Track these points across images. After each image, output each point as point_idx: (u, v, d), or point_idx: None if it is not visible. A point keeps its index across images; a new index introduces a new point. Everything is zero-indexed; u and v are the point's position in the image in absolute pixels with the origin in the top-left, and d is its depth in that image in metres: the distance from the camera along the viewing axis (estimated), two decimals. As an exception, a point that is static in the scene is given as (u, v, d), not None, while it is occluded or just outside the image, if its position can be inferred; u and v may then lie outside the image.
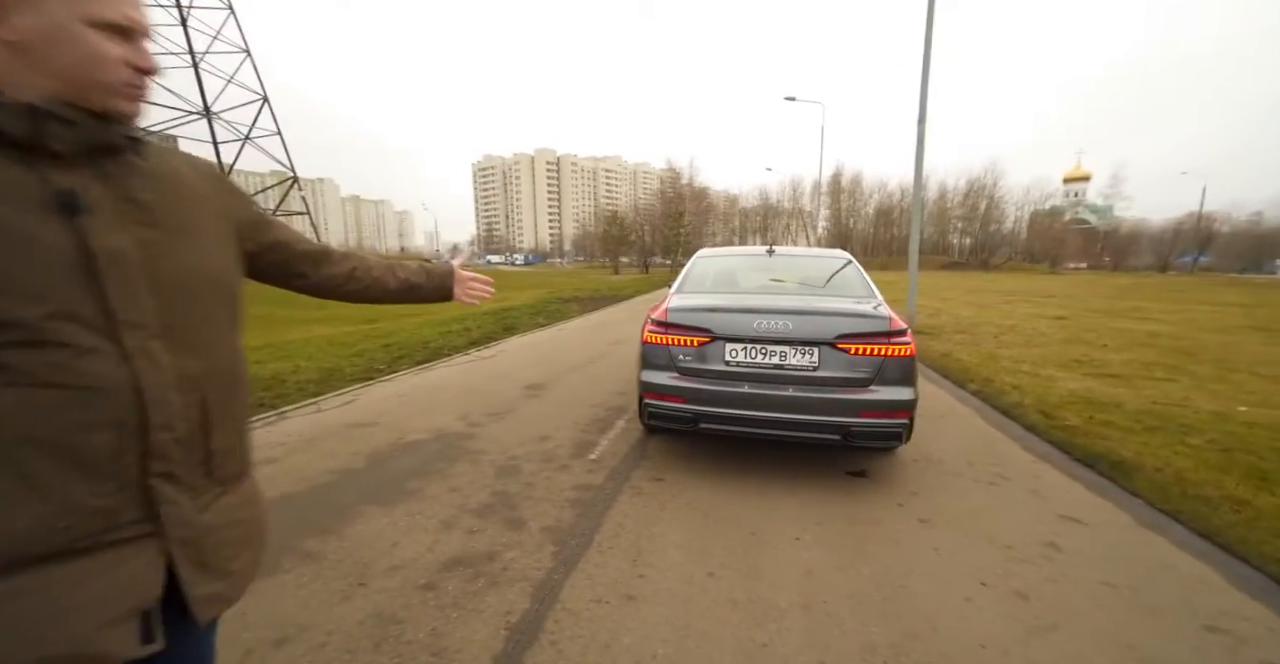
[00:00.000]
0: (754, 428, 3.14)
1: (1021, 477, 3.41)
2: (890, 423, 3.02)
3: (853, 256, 4.32)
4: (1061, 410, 4.76)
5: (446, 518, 2.72)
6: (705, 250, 4.66)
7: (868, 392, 3.04)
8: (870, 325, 3.09)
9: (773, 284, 4.06)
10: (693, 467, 3.50)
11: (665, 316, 3.38)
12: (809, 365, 3.11)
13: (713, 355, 3.24)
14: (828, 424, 3.03)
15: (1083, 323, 11.81)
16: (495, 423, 4.34)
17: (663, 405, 3.28)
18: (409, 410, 4.64)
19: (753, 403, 3.11)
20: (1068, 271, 63.72)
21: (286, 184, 35.45)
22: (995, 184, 78.69)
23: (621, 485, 3.17)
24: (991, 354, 7.76)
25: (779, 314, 3.16)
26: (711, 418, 3.19)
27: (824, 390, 3.06)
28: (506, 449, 3.73)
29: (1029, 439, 4.16)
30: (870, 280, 3.91)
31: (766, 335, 3.13)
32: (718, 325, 3.24)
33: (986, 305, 16.59)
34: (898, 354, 3.06)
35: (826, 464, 3.55)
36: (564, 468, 3.41)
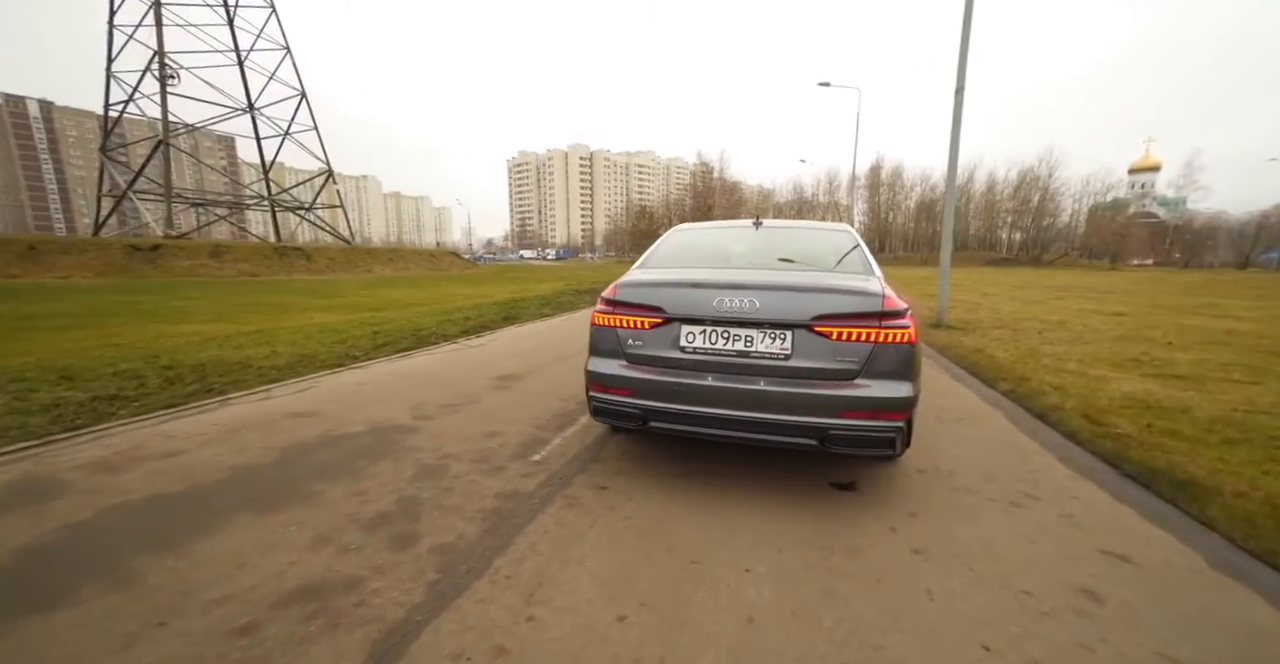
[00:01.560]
0: (712, 428, 2.59)
1: (1054, 496, 2.73)
2: (879, 426, 2.41)
3: (860, 237, 3.66)
4: (1111, 415, 3.99)
5: (327, 531, 2.27)
6: (683, 225, 4.09)
7: (852, 386, 2.44)
8: (856, 303, 2.48)
9: (756, 260, 3.46)
10: (648, 472, 2.96)
11: (614, 294, 2.85)
12: (779, 353, 2.53)
13: (666, 340, 2.69)
14: (800, 426, 2.45)
15: (1145, 319, 10.60)
16: (447, 415, 3.90)
17: (608, 399, 2.75)
18: (361, 400, 4.26)
19: (711, 398, 2.56)
20: (1131, 268, 59.52)
21: (323, 178, 36.37)
22: (1050, 175, 74.33)
23: (555, 494, 2.66)
24: (1032, 351, 6.89)
25: (744, 290, 2.58)
26: (663, 415, 2.65)
27: (797, 384, 2.48)
28: (443, 446, 3.27)
29: (1068, 449, 3.44)
30: (871, 257, 3.27)
31: (729, 316, 2.57)
32: (671, 303, 2.69)
33: (1033, 301, 15.31)
34: (892, 340, 2.44)
35: (810, 473, 2.96)
36: (497, 470, 2.93)
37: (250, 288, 17.69)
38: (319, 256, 29.55)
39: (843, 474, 2.96)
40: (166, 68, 28.63)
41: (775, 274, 2.86)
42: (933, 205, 76.74)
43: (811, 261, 3.38)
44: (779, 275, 2.84)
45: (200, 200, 35.68)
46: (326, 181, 36.20)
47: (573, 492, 2.70)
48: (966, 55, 8.40)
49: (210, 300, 12.85)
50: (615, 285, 2.89)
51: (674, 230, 3.97)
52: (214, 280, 20.56)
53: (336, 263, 30.05)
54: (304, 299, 14.24)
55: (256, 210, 38.80)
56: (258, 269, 24.80)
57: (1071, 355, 6.59)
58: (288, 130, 35.08)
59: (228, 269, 23.61)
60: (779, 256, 3.41)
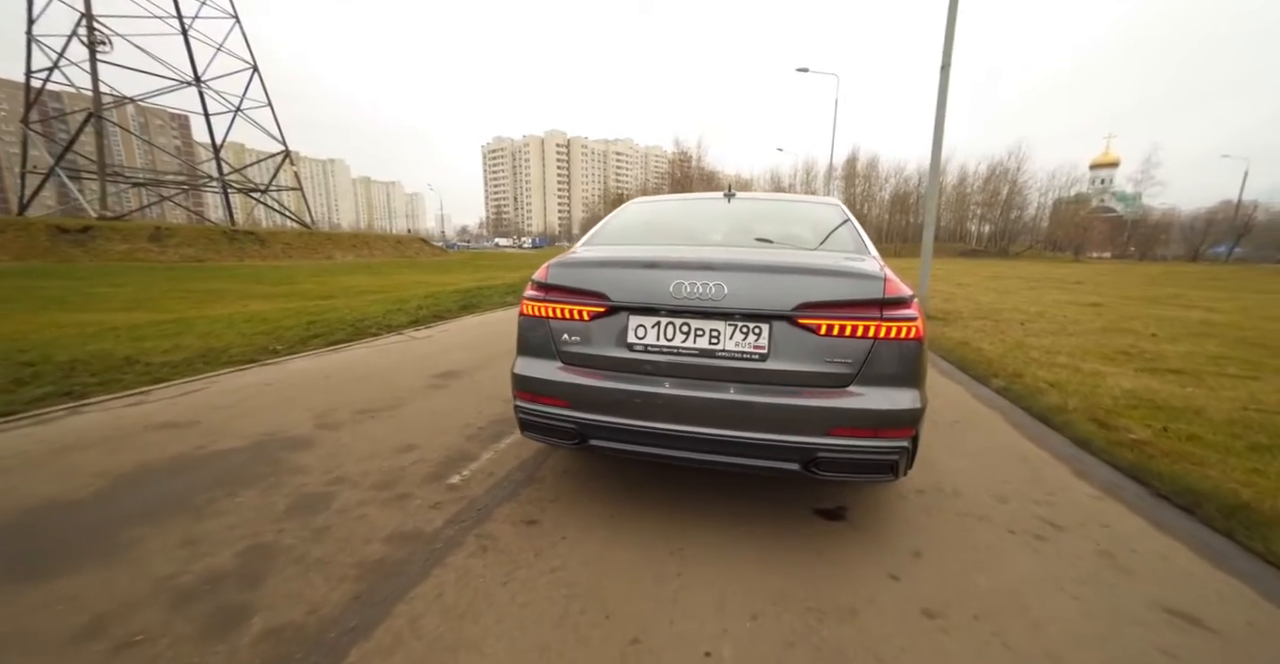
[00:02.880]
0: (668, 449, 2.02)
1: (1082, 525, 2.25)
2: (879, 446, 1.87)
3: (850, 212, 3.10)
4: (1121, 418, 3.57)
5: (113, 608, 1.61)
6: (642, 198, 3.48)
7: (844, 395, 1.89)
8: (852, 288, 1.93)
9: (728, 238, 2.88)
10: (591, 497, 2.39)
11: (545, 275, 2.25)
12: (754, 352, 1.96)
13: (610, 335, 2.10)
14: (780, 446, 1.90)
15: (1121, 310, 10.45)
16: (359, 424, 3.25)
17: (538, 410, 2.16)
18: (259, 404, 3.57)
19: (667, 411, 1.98)
20: (1092, 260, 61.25)
21: (279, 159, 34.34)
22: (1019, 168, 75.75)
23: (467, 533, 2.06)
24: (1018, 343, 6.53)
25: (708, 271, 2.01)
26: (606, 432, 2.06)
27: (776, 392, 1.92)
28: (340, 466, 2.63)
29: (1082, 460, 2.99)
30: (865, 234, 2.73)
31: (690, 304, 1.99)
32: (617, 288, 2.09)
33: (1009, 291, 15.21)
34: (896, 335, 1.90)
35: (790, 497, 2.42)
36: (399, 499, 2.31)
37: (191, 274, 16.42)
38: (274, 241, 27.94)
39: (830, 497, 2.44)
40: (96, 32, 26.31)
41: (749, 252, 2.30)
42: (906, 198, 77.55)
43: (794, 240, 2.82)
44: (753, 253, 2.27)
45: (141, 179, 33.25)
46: (283, 162, 34.20)
47: (491, 528, 2.10)
48: (954, 30, 7.93)
49: (138, 286, 11.73)
50: (548, 265, 2.28)
51: (630, 203, 3.36)
52: (153, 266, 19.09)
53: (294, 248, 28.49)
54: (247, 286, 13.18)
55: (211, 192, 36.55)
56: (204, 254, 23.24)
57: (1059, 348, 6.24)
58: (239, 107, 32.95)
59: (170, 254, 22.04)
60: (755, 234, 2.83)
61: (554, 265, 2.25)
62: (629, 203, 3.37)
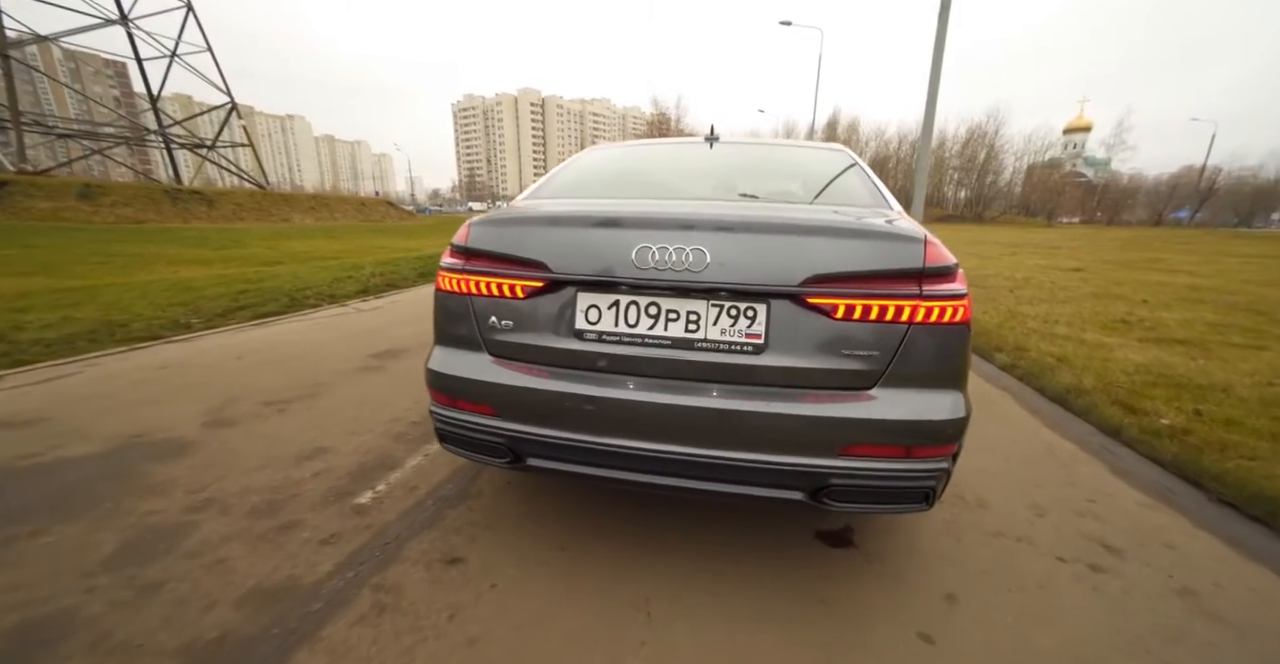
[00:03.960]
0: (629, 473, 1.50)
1: (1142, 545, 1.84)
2: (910, 469, 1.39)
3: (860, 158, 2.52)
4: (1145, 399, 3.19)
5: None
6: (604, 144, 2.84)
7: (866, 401, 1.39)
8: (881, 254, 1.39)
9: (709, 191, 2.30)
10: (542, 522, 1.88)
11: (465, 237, 1.65)
12: (746, 343, 1.43)
13: (553, 319, 1.53)
14: (779, 470, 1.40)
15: (1105, 275, 10.24)
16: (261, 420, 2.65)
17: (459, 419, 1.60)
18: (138, 395, 2.92)
19: (629, 422, 1.45)
20: (1063, 226, 62.06)
21: (224, 112, 31.60)
22: (997, 132, 75.51)
23: (362, 584, 1.53)
24: (1012, 312, 6.18)
25: (686, 230, 1.44)
26: (547, 449, 1.53)
27: (775, 397, 1.41)
28: (216, 481, 2.06)
29: (1117, 454, 2.59)
30: (883, 185, 2.18)
31: (659, 277, 1.43)
32: (560, 254, 1.51)
33: (990, 257, 14.96)
34: (939, 319, 1.39)
35: (781, 515, 1.95)
36: (280, 532, 1.76)
37: (124, 236, 15.04)
38: (223, 202, 26.02)
39: (830, 518, 1.97)
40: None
41: (741, 207, 1.73)
42: (885, 162, 76.78)
43: (792, 193, 2.26)
44: (747, 208, 1.72)
45: (67, 130, 30.27)
46: (229, 115, 31.52)
47: (398, 574, 1.57)
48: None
49: (53, 249, 10.56)
50: (469, 223, 1.68)
51: (590, 149, 2.73)
52: (82, 226, 17.47)
53: (245, 210, 26.63)
54: (185, 250, 12.06)
55: (154, 147, 33.62)
56: (144, 214, 21.47)
57: (1055, 317, 5.89)
58: (174, 51, 29.94)
59: (104, 214, 20.26)
60: (744, 187, 2.25)
61: (477, 224, 1.65)
62: (588, 149, 2.74)
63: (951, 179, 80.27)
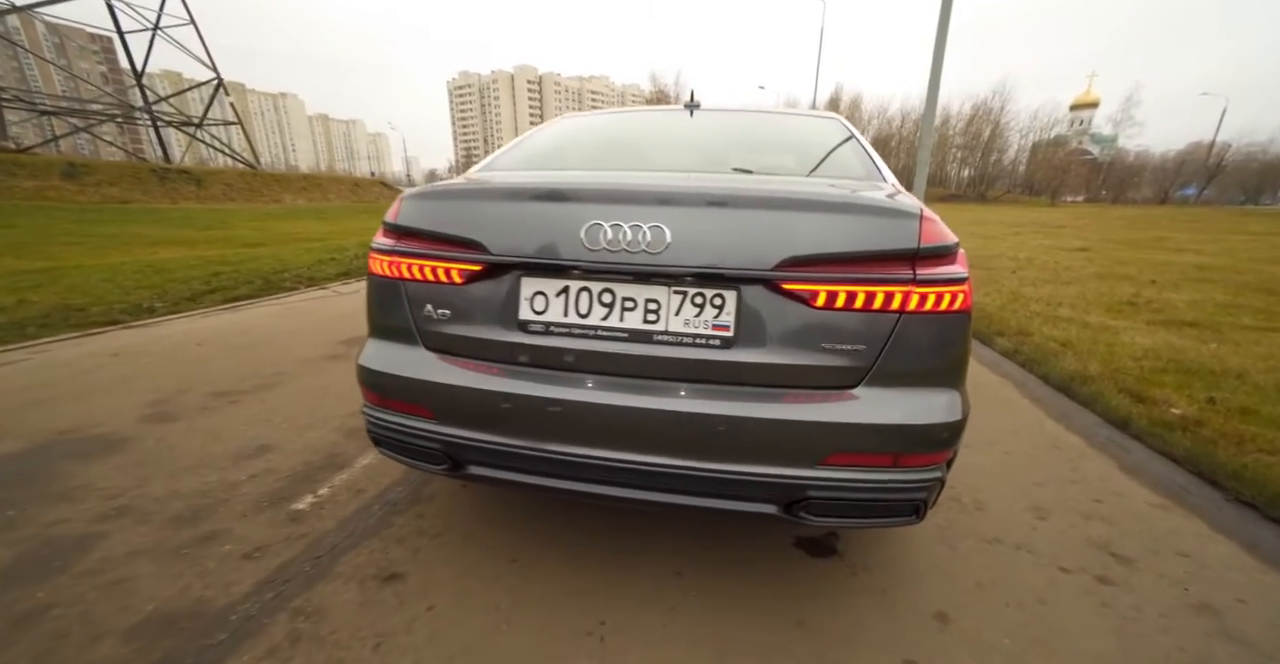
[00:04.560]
0: (581, 483, 1.32)
1: (1155, 552, 1.67)
2: (898, 480, 1.22)
3: (855, 129, 2.27)
4: (1154, 387, 3.01)
5: None
6: (574, 114, 2.59)
7: (849, 402, 1.20)
8: (870, 232, 1.19)
9: (688, 164, 2.07)
10: (494, 530, 1.71)
11: (397, 213, 1.44)
12: (712, 335, 1.23)
13: (495, 308, 1.33)
14: (750, 481, 1.23)
15: (1110, 255, 9.99)
16: (209, 413, 2.47)
17: (392, 422, 1.41)
18: (79, 385, 2.74)
19: (577, 427, 1.27)
20: (1066, 204, 61.22)
21: (210, 88, 30.73)
22: (1002, 108, 74.11)
23: (281, 607, 1.36)
24: (1015, 294, 5.97)
25: (642, 205, 1.24)
26: (489, 456, 1.34)
27: (744, 398, 1.22)
28: (142, 484, 1.88)
29: (1126, 447, 2.42)
30: (878, 157, 1.96)
31: (613, 259, 1.22)
32: (499, 232, 1.31)
33: (993, 236, 14.69)
34: (935, 307, 1.19)
35: (757, 521, 1.79)
36: (200, 545, 1.59)
37: (107, 216, 14.70)
38: (212, 182, 25.48)
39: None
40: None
41: (708, 178, 1.52)
42: (887, 141, 75.47)
43: (780, 166, 2.04)
44: (714, 179, 1.51)
45: (49, 107, 29.46)
46: (216, 91, 30.66)
47: (325, 593, 1.41)
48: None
49: (30, 229, 10.27)
50: (402, 197, 1.47)
51: (559, 119, 2.50)
52: (66, 206, 17.08)
53: (235, 190, 26.10)
54: (168, 231, 11.78)
55: (142, 126, 32.76)
56: (130, 194, 20.99)
57: (1059, 299, 5.69)
58: (156, 23, 28.95)
59: (90, 193, 19.80)
60: (727, 159, 2.05)
61: (409, 198, 1.44)
62: (558, 118, 2.50)
63: (955, 157, 79.07)
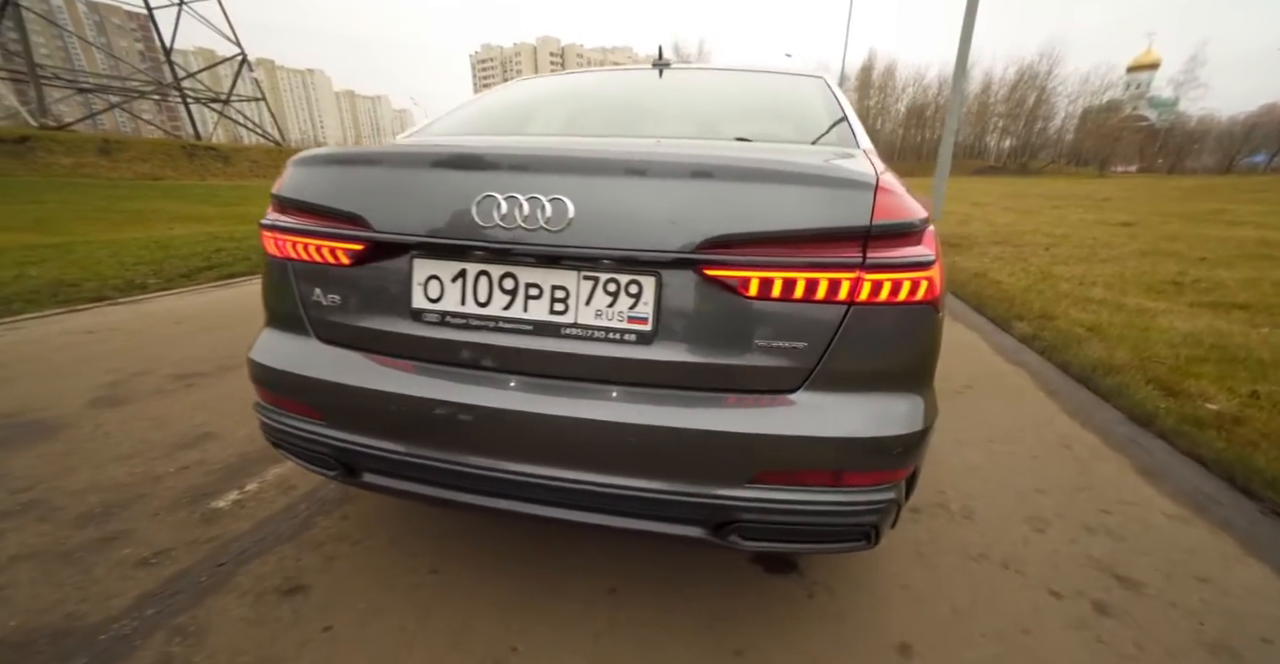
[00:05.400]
0: (486, 499, 1.15)
1: (1168, 576, 1.44)
2: (843, 502, 1.02)
3: (837, 89, 1.97)
4: (1189, 378, 2.70)
5: None
6: (533, 76, 2.34)
7: (785, 409, 1.01)
8: (810, 204, 0.97)
9: (646, 128, 1.84)
10: (420, 537, 1.58)
11: (280, 185, 1.27)
12: (628, 329, 1.04)
13: (385, 293, 1.15)
14: (669, 501, 1.04)
15: (1158, 230, 9.28)
16: (162, 397, 2.39)
17: (283, 420, 1.27)
18: (39, 366, 2.68)
19: (476, 436, 1.10)
20: (1117, 175, 57.64)
21: (235, 64, 30.90)
22: (1049, 72, 69.68)
23: (160, 623, 1.25)
24: (1044, 273, 5.54)
25: (539, 174, 1.03)
26: (383, 465, 1.19)
27: (664, 405, 1.03)
28: (63, 476, 1.80)
29: (1148, 447, 2.15)
30: (856, 120, 1.68)
31: (504, 238, 1.03)
32: (384, 205, 1.12)
33: (1029, 211, 13.88)
34: (892, 297, 0.98)
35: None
36: (96, 548, 1.49)
37: (136, 192, 15.01)
38: (239, 159, 25.84)
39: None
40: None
41: (621, 143, 1.31)
42: (923, 110, 72.04)
43: (746, 130, 1.79)
44: (635, 144, 1.30)
45: (86, 85, 30.09)
46: (241, 67, 30.84)
47: (216, 607, 1.29)
48: None
49: (60, 204, 10.51)
50: (289, 162, 1.29)
51: (515, 81, 2.27)
52: (101, 182, 17.51)
53: (261, 167, 26.41)
54: (188, 207, 11.95)
55: (177, 103, 33.26)
56: (161, 171, 21.44)
57: (1093, 277, 5.26)
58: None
59: (123, 170, 20.28)
60: (689, 122, 1.83)
61: (294, 165, 1.26)
62: (515, 80, 2.28)
63: (995, 127, 75.06)
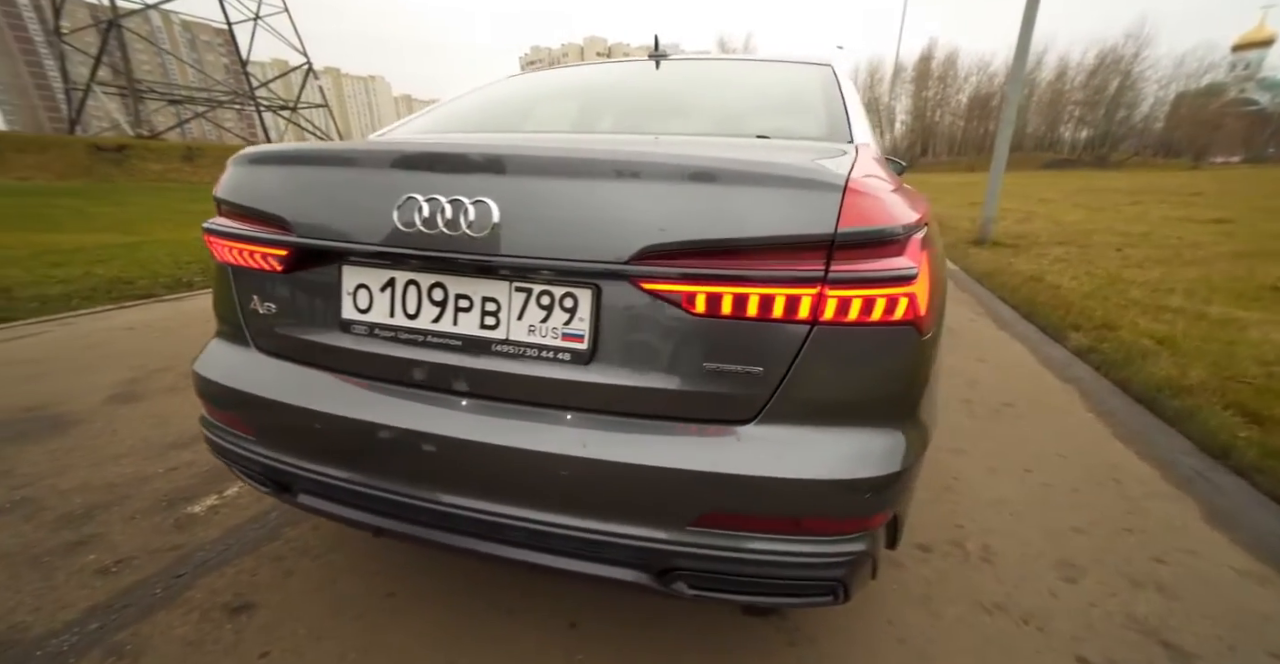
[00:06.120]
0: (418, 529, 1.06)
1: (1233, 650, 1.20)
2: (804, 553, 0.88)
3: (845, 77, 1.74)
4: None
5: None
6: (531, 72, 2.24)
7: (727, 442, 0.88)
8: (766, 208, 0.82)
9: (631, 125, 1.71)
10: (382, 559, 1.52)
11: (218, 187, 1.22)
12: (563, 347, 0.92)
13: (320, 304, 1.09)
14: (606, 542, 0.92)
15: (1258, 228, 8.31)
16: (174, 394, 2.46)
17: (223, 434, 1.22)
18: (78, 360, 2.82)
19: (401, 462, 1.01)
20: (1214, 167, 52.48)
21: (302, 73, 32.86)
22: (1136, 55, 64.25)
23: (99, 640, 1.23)
24: (1112, 277, 5.03)
25: (459, 174, 0.92)
26: (315, 487, 1.12)
27: (601, 434, 0.91)
28: (57, 474, 1.85)
29: (1221, 487, 1.84)
30: (858, 112, 1.49)
31: (425, 245, 0.93)
32: (307, 207, 1.05)
33: (1102, 207, 12.79)
34: (861, 318, 0.82)
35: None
36: (65, 553, 1.49)
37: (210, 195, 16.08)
38: (304, 161, 27.43)
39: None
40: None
41: (550, 139, 1.22)
42: (988, 100, 68.05)
43: (735, 125, 1.64)
44: (558, 140, 1.20)
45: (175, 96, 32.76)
46: (307, 76, 32.76)
47: (154, 628, 1.25)
48: None
49: (142, 207, 11.39)
50: (229, 162, 1.24)
51: (507, 77, 2.19)
52: (184, 185, 18.96)
53: (324, 168, 27.95)
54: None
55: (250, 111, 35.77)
56: (234, 175, 23.03)
57: (1172, 283, 4.72)
58: (257, 14, 31.20)
59: (202, 174, 21.88)
60: (676, 117, 1.71)
61: (231, 163, 1.21)
62: (507, 76, 2.20)
63: (1070, 116, 69.97)
